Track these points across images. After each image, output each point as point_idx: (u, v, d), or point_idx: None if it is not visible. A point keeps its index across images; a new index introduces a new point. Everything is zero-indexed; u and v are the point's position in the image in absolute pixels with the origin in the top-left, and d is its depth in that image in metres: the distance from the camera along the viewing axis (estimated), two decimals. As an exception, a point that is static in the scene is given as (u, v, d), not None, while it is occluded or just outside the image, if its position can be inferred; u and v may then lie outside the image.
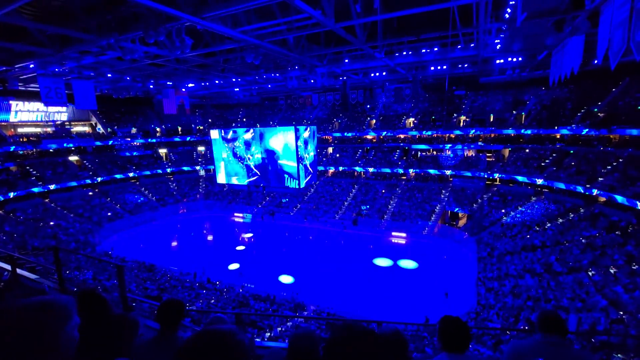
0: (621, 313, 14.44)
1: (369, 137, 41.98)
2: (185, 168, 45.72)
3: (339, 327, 1.07)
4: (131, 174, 40.65)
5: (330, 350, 1.02)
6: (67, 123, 39.99)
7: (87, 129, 42.35)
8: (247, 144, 22.60)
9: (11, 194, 29.74)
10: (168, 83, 30.58)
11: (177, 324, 2.35)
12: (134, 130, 44.64)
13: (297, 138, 20.28)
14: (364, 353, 0.99)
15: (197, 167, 46.58)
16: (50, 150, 36.61)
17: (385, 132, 40.40)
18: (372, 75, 28.69)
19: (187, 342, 1.04)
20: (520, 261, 21.55)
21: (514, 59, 23.59)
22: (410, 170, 37.06)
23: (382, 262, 25.59)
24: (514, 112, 34.41)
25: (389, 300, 19.97)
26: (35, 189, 31.74)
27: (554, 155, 29.72)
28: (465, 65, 26.96)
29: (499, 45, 19.18)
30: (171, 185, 43.33)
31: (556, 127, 29.87)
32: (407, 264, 25.14)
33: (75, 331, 1.10)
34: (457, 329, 2.03)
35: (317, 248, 28.91)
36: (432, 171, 35.81)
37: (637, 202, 20.01)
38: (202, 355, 1.00)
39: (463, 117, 37.23)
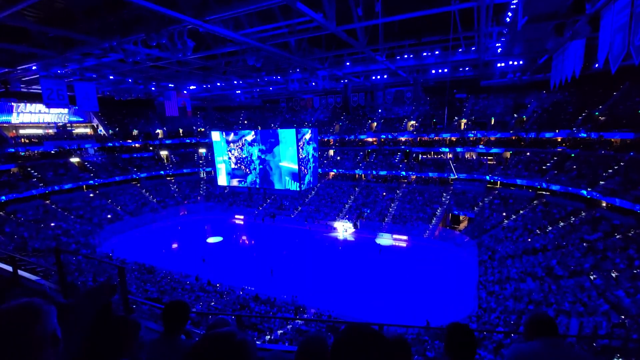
0: (623, 317, 14.37)
1: (370, 139, 42.03)
2: (186, 170, 45.78)
3: (345, 328, 1.08)
4: (132, 176, 40.71)
5: (337, 350, 1.02)
6: (69, 125, 40.11)
7: (88, 130, 42.47)
8: (248, 146, 22.63)
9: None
10: (170, 85, 30.68)
11: (181, 327, 2.33)
12: (135, 132, 44.77)
13: (298, 140, 20.31)
14: (371, 354, 0.99)
15: (199, 169, 46.64)
16: (52, 152, 36.71)
17: (386, 135, 40.45)
18: (374, 78, 28.75)
19: (194, 348, 1.07)
20: (522, 264, 21.48)
21: (515, 63, 23.62)
22: (411, 173, 37.05)
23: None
24: (515, 115, 34.42)
25: (388, 303, 19.91)
26: (38, 191, 31.81)
27: (555, 158, 29.70)
28: (467, 69, 27.02)
29: (500, 49, 19.22)
30: (172, 187, 43.37)
31: (557, 131, 29.88)
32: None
33: (51, 333, 1.13)
34: (464, 337, 2.02)
35: (317, 251, 28.87)
36: (433, 174, 35.80)
37: (639, 206, 19.96)
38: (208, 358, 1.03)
39: (464, 120, 37.27)
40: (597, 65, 23.30)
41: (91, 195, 36.33)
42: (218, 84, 30.90)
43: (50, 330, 1.12)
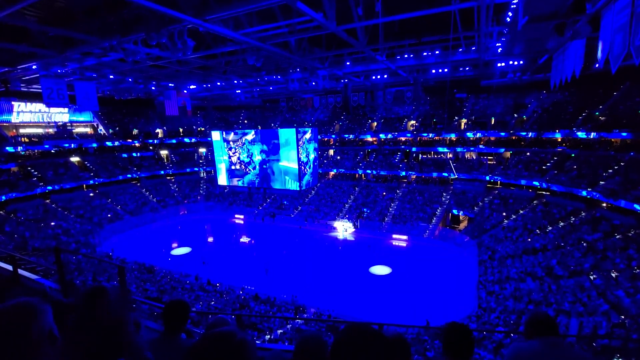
0: (622, 317, 14.38)
1: (370, 139, 42.01)
2: (186, 169, 45.77)
3: (345, 328, 1.08)
4: (132, 175, 40.69)
5: (337, 349, 1.02)
6: (69, 124, 40.07)
7: (88, 130, 42.43)
8: (249, 145, 22.63)
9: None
10: (170, 85, 30.67)
11: (182, 326, 2.34)
12: (135, 132, 44.75)
13: (298, 140, 20.31)
14: (371, 353, 0.99)
15: (199, 169, 46.63)
16: (52, 151, 36.68)
17: (386, 135, 40.44)
18: (374, 77, 28.73)
19: (193, 347, 1.07)
20: (522, 264, 21.48)
21: (515, 63, 23.60)
22: (411, 173, 37.03)
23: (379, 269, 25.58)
24: (515, 115, 34.40)
25: (389, 303, 19.92)
26: (38, 190, 31.82)
27: (555, 158, 29.69)
28: (467, 69, 27.02)
29: (500, 49, 19.22)
30: (172, 186, 43.36)
31: (557, 131, 29.87)
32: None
33: (47, 331, 1.14)
34: (462, 337, 2.04)
35: (317, 250, 28.86)
36: (433, 174, 35.79)
37: (638, 206, 19.96)
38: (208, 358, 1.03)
39: (464, 120, 37.24)
40: (597, 65, 23.22)
41: (91, 194, 36.32)
42: (218, 83, 30.88)
43: (47, 329, 1.13)
